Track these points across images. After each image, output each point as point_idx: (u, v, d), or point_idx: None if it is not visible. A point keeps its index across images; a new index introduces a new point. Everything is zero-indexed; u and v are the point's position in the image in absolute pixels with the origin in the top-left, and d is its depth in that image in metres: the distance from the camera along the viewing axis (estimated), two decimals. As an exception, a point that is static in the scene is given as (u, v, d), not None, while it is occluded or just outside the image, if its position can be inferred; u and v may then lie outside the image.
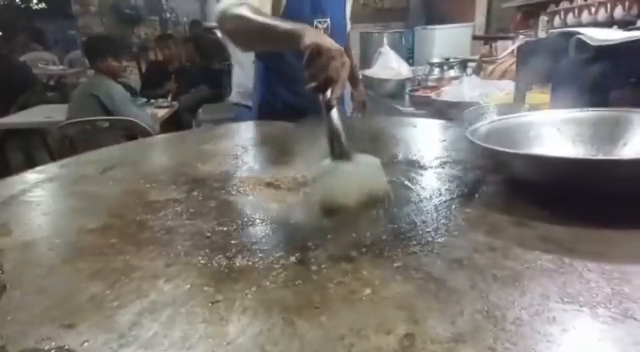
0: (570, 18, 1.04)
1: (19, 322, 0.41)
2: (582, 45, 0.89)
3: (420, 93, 2.17)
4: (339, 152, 0.63)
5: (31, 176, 0.88)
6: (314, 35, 0.73)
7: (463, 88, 1.79)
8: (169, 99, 3.68)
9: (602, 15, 0.97)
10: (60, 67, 5.64)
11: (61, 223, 0.65)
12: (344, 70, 0.67)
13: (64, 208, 0.71)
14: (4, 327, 0.41)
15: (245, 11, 0.97)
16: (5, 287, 0.47)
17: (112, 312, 0.42)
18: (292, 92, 1.36)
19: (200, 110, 4.86)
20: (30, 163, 3.27)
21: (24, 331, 0.40)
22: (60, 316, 0.42)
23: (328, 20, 1.32)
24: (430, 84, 2.34)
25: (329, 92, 0.65)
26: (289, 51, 1.06)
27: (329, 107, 0.65)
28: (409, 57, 3.95)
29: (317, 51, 0.67)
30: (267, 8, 1.17)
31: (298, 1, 1.25)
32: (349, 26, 1.55)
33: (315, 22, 1.29)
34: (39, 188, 0.80)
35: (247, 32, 0.97)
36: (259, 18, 0.94)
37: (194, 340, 0.38)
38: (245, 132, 1.32)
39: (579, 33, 0.90)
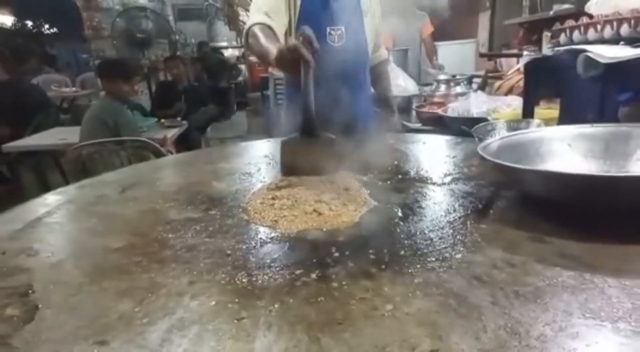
0: (576, 35, 1.06)
1: (52, 342, 0.42)
2: (590, 62, 0.91)
3: (427, 109, 2.20)
4: (307, 126, 0.87)
5: (52, 197, 0.90)
6: (278, 48, 0.93)
7: (470, 104, 1.81)
8: (179, 118, 3.74)
9: (608, 32, 0.98)
10: (73, 88, 5.79)
11: (86, 243, 0.67)
12: (306, 48, 0.85)
13: (87, 228, 0.73)
14: (39, 346, 0.42)
15: (258, 32, 1.13)
16: (37, 306, 0.48)
17: (142, 329, 0.43)
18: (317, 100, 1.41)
19: (208, 129, 4.94)
20: (43, 184, 3.32)
21: (58, 350, 0.41)
22: (92, 334, 0.43)
23: (342, 28, 1.38)
24: (436, 100, 2.37)
25: (302, 68, 0.85)
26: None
27: (306, 83, 0.85)
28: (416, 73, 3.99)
29: (283, 51, 0.89)
30: (282, 22, 1.27)
31: (312, 9, 1.32)
32: (384, 52, 1.63)
33: (328, 29, 1.35)
34: (61, 210, 0.82)
35: (257, 52, 1.19)
36: (262, 41, 1.14)
37: (223, 357, 0.39)
38: (257, 150, 1.34)
39: (586, 50, 0.92)
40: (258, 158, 1.16)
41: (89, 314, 0.47)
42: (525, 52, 2.15)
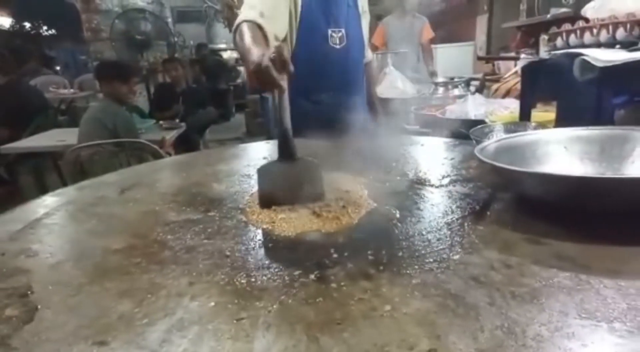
0: (572, 39, 1.07)
1: (52, 341, 0.43)
2: (587, 65, 0.92)
3: (425, 112, 2.21)
4: (286, 152, 0.77)
5: (51, 199, 0.90)
6: (250, 60, 0.86)
7: (468, 106, 1.82)
8: (177, 120, 3.75)
9: (604, 36, 0.99)
10: (71, 90, 5.78)
11: (85, 244, 0.67)
12: (278, 74, 0.76)
13: (87, 229, 0.73)
14: (39, 346, 0.42)
15: (246, 29, 1.07)
16: (37, 307, 0.48)
17: (142, 330, 0.43)
18: (311, 101, 1.41)
19: (207, 131, 4.94)
20: (41, 186, 3.32)
21: (58, 350, 0.41)
22: (92, 334, 0.43)
23: (343, 30, 1.38)
24: (434, 102, 2.38)
25: (275, 91, 0.77)
26: None
27: (281, 103, 0.77)
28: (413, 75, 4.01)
29: (256, 70, 0.79)
30: (282, 21, 1.24)
31: (312, 12, 1.33)
32: (369, 53, 1.62)
33: (329, 32, 1.36)
34: (60, 211, 0.83)
35: (239, 51, 1.11)
36: (247, 41, 1.06)
37: (223, 357, 0.39)
38: (256, 151, 1.34)
39: (583, 54, 0.93)
40: (257, 160, 1.17)
41: (89, 314, 0.47)
42: (522, 55, 2.17)
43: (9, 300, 0.51)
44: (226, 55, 9.02)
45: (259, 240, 0.65)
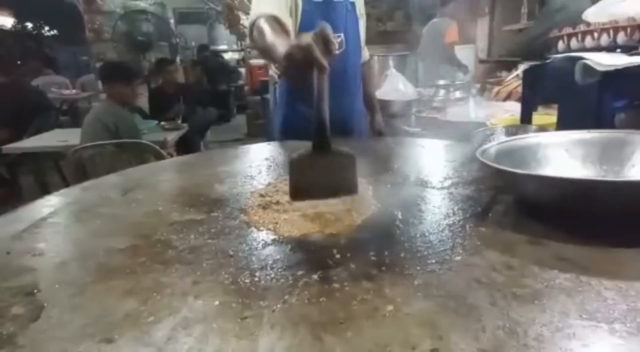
0: (573, 42, 1.08)
1: (59, 339, 0.43)
2: (588, 69, 0.92)
3: (426, 114, 2.22)
4: (321, 142, 0.71)
5: (55, 199, 0.91)
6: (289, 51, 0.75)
7: (469, 109, 1.83)
8: (179, 121, 3.75)
9: (605, 40, 1.00)
10: (73, 91, 5.80)
11: (90, 244, 0.67)
12: (322, 51, 0.68)
13: (91, 229, 0.73)
14: (46, 344, 0.43)
15: (264, 24, 1.02)
16: (43, 306, 0.49)
17: (148, 328, 0.44)
18: (309, 104, 1.41)
19: (208, 132, 4.94)
20: (42, 186, 3.33)
21: (64, 348, 0.42)
22: (98, 332, 0.44)
23: (342, 35, 1.39)
24: (436, 105, 2.39)
25: (314, 76, 0.69)
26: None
27: (320, 93, 0.69)
28: (413, 78, 4.03)
29: (293, 50, 0.71)
30: (289, 20, 1.22)
31: (312, 17, 1.34)
32: (366, 53, 1.63)
33: None
34: (65, 211, 0.83)
35: (261, 48, 1.05)
36: (269, 35, 0.99)
37: (228, 355, 0.40)
38: (258, 153, 1.35)
39: (584, 58, 0.94)
40: (259, 161, 1.17)
41: (95, 313, 0.47)
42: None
43: (15, 298, 0.51)
44: (227, 56, 9.05)
45: (262, 240, 0.66)
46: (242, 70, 8.57)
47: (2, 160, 3.55)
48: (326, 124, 0.71)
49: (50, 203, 0.87)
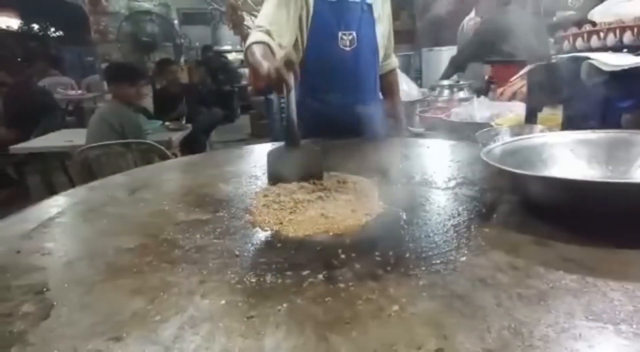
0: (579, 42, 1.07)
1: (69, 337, 0.44)
2: (594, 69, 0.92)
3: (430, 114, 2.21)
4: (291, 139, 0.95)
5: (63, 199, 0.92)
6: (264, 67, 1.02)
7: (473, 109, 1.82)
8: (184, 121, 3.77)
9: (611, 40, 1.00)
10: (79, 91, 5.84)
11: (98, 243, 0.68)
12: (278, 75, 0.92)
13: (99, 229, 0.74)
14: (56, 341, 0.43)
15: (256, 49, 1.22)
16: (53, 304, 0.50)
17: (155, 326, 0.45)
18: (320, 100, 1.45)
19: (212, 132, 4.96)
20: (49, 186, 3.35)
21: (74, 345, 0.42)
22: (107, 330, 0.44)
23: (353, 33, 1.41)
24: (440, 105, 2.38)
25: (282, 90, 0.93)
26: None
27: (289, 98, 0.94)
28: (417, 78, 4.02)
29: (266, 78, 0.99)
30: (288, 33, 1.32)
31: (324, 15, 1.39)
32: (394, 60, 1.66)
33: (340, 34, 1.40)
34: (72, 210, 0.84)
35: (251, 65, 1.22)
36: (257, 57, 1.19)
37: (234, 353, 0.40)
38: (262, 153, 1.35)
39: (590, 58, 0.94)
40: (264, 161, 1.17)
41: (103, 311, 0.48)
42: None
43: (25, 297, 0.52)
44: (231, 57, 9.07)
45: (268, 240, 0.66)
46: (246, 70, 8.58)
47: (9, 160, 3.58)
48: (294, 123, 0.94)
49: (58, 203, 0.88)
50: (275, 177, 0.93)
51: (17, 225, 0.76)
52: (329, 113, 1.43)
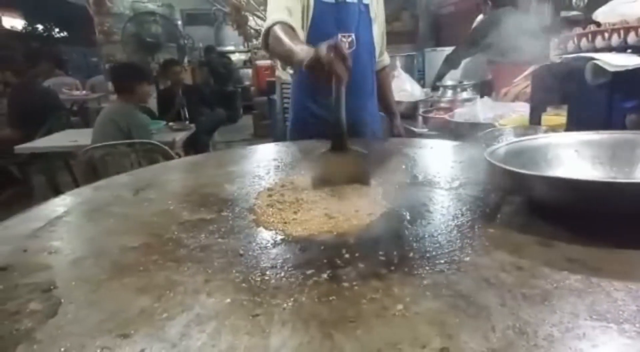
0: (584, 43, 1.07)
1: (77, 334, 0.44)
2: (598, 70, 0.92)
3: (433, 115, 2.21)
4: (339, 145, 0.88)
5: (69, 198, 0.93)
6: (314, 55, 0.90)
7: (477, 110, 1.82)
8: (186, 121, 3.78)
9: (615, 40, 1.00)
10: (83, 92, 5.87)
11: (104, 242, 0.69)
12: (339, 64, 0.84)
13: (104, 228, 0.75)
14: (63, 339, 0.44)
15: (279, 32, 1.10)
16: (60, 302, 0.50)
17: (162, 324, 0.45)
18: (318, 103, 1.45)
19: (215, 132, 4.97)
20: (53, 186, 3.38)
21: (82, 343, 0.43)
22: (114, 327, 0.45)
23: (352, 35, 1.41)
24: (443, 105, 2.38)
25: (334, 84, 0.85)
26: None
27: (338, 99, 0.85)
28: (420, 78, 4.02)
29: (314, 63, 0.88)
30: (300, 23, 1.28)
31: (323, 16, 1.37)
32: (386, 58, 1.66)
33: (339, 36, 1.39)
34: (78, 210, 0.85)
35: (278, 53, 1.11)
36: (286, 42, 1.09)
37: (240, 351, 0.41)
38: (266, 153, 1.36)
39: (594, 58, 0.93)
40: (267, 161, 1.18)
41: (110, 309, 0.48)
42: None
43: (33, 295, 0.52)
44: (234, 57, 9.09)
45: (272, 240, 0.67)
46: (249, 71, 8.60)
47: (14, 160, 3.60)
48: (343, 124, 0.86)
49: (63, 202, 0.89)
50: (322, 181, 0.87)
51: (23, 224, 0.77)
52: (327, 115, 1.42)
